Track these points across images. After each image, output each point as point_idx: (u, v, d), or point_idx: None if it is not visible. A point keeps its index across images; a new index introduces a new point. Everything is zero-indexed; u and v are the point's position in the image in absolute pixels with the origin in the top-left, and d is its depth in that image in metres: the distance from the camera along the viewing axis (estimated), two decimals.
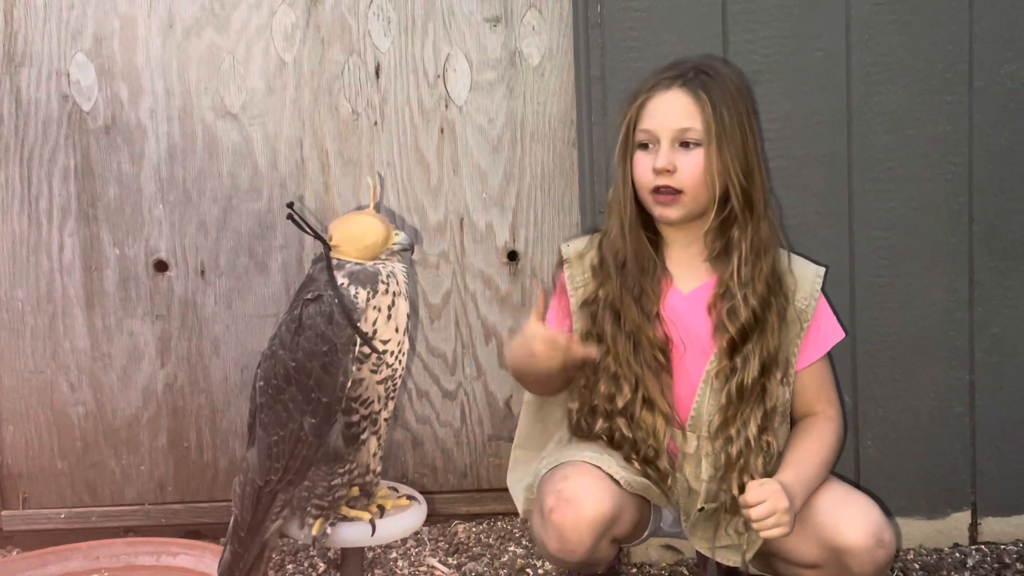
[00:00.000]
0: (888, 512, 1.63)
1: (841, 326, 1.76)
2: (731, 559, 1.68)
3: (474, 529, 2.19)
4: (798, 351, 1.70)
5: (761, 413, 1.64)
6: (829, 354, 1.76)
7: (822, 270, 1.73)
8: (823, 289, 1.72)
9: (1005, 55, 1.96)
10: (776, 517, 1.53)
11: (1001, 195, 1.99)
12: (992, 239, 2.00)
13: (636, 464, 1.65)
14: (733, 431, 1.63)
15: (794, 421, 1.73)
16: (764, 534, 1.55)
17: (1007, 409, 2.03)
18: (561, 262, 1.76)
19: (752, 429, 1.63)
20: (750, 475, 1.62)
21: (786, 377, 1.68)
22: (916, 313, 2.01)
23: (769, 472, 1.64)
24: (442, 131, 2.16)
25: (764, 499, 1.53)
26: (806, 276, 1.71)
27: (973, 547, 2.05)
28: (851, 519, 1.57)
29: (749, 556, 1.66)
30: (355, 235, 1.56)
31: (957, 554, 2.02)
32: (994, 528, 2.06)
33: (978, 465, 2.04)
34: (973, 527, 2.06)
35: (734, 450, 1.63)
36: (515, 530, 2.18)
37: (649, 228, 1.70)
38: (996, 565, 1.99)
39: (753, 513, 1.53)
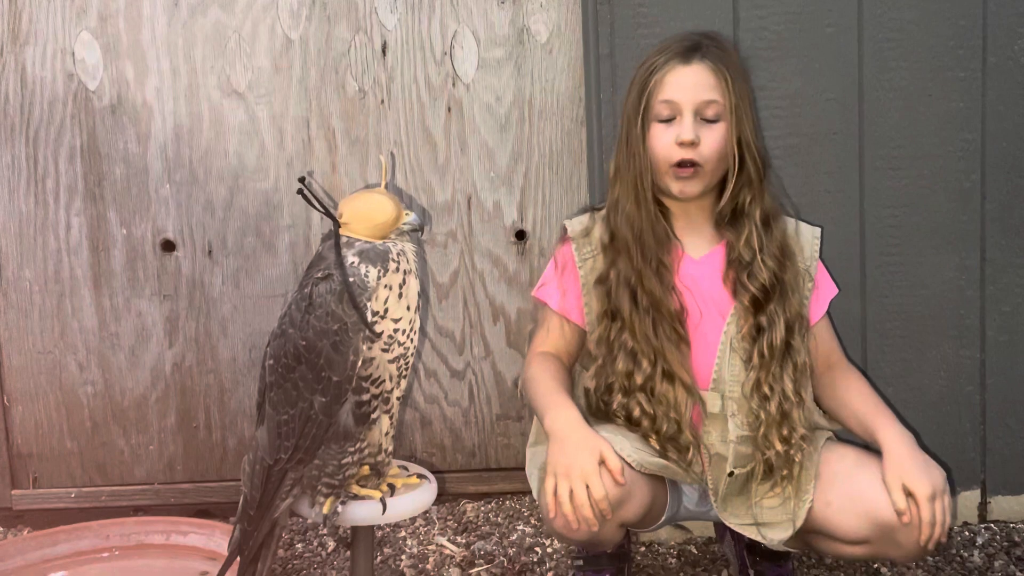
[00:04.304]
0: (952, 485, 1.60)
1: (837, 287, 1.80)
2: (773, 537, 1.64)
3: (483, 508, 2.19)
4: (809, 307, 1.73)
5: (791, 368, 1.65)
6: (829, 314, 1.78)
7: (818, 230, 1.77)
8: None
9: (1019, 31, 1.94)
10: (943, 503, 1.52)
11: (1014, 173, 1.98)
12: (1004, 217, 1.98)
13: (655, 443, 1.64)
14: (767, 388, 1.64)
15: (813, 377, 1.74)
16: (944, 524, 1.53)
17: (1017, 388, 2.03)
18: (564, 238, 1.76)
19: (787, 385, 1.64)
20: (791, 428, 1.63)
21: (807, 333, 1.70)
22: (927, 291, 2.00)
23: (806, 424, 1.65)
24: (449, 109, 2.15)
25: (938, 508, 1.51)
26: (806, 236, 1.76)
27: (982, 526, 2.05)
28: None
29: (799, 523, 1.62)
30: (366, 213, 1.56)
31: (967, 532, 2.03)
32: (1003, 507, 2.06)
33: (988, 444, 2.04)
34: (983, 506, 2.06)
35: (772, 406, 1.63)
36: (524, 509, 2.18)
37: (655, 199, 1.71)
38: (1005, 543, 1.99)
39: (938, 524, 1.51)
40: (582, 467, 1.50)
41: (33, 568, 1.89)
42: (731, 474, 1.66)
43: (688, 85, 1.62)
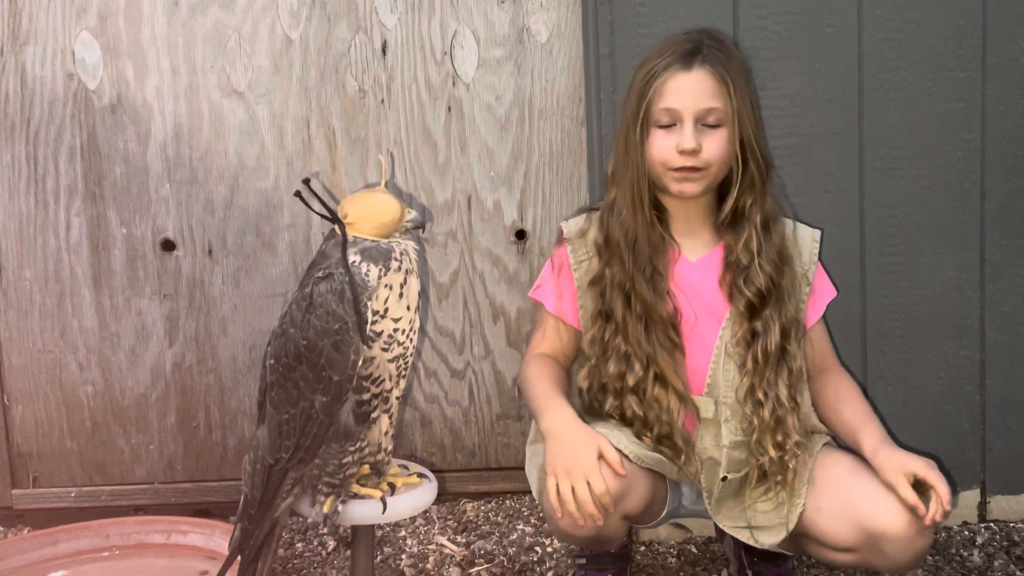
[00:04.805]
0: (951, 484, 1.59)
1: (836, 288, 1.79)
2: (765, 540, 1.65)
3: (483, 508, 2.19)
4: (805, 311, 1.72)
5: (787, 373, 1.65)
6: (824, 317, 1.78)
7: (818, 233, 1.76)
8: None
9: (1019, 31, 1.94)
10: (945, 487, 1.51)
11: (1013, 173, 1.98)
12: (1004, 217, 1.99)
13: (649, 441, 1.64)
14: (760, 394, 1.63)
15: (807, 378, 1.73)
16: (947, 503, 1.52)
17: (1017, 388, 2.03)
18: (561, 240, 1.76)
19: (782, 391, 1.64)
20: (785, 434, 1.62)
21: (803, 337, 1.69)
22: (926, 292, 2.00)
23: (801, 429, 1.65)
24: (449, 109, 2.15)
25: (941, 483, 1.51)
26: (805, 239, 1.75)
27: (982, 525, 2.05)
28: (891, 503, 1.54)
29: (791, 526, 1.62)
30: (372, 213, 1.56)
31: (966, 532, 2.03)
32: (1003, 506, 2.06)
33: (987, 443, 2.04)
34: (982, 505, 2.06)
35: (766, 412, 1.63)
36: (524, 508, 2.18)
37: (653, 201, 1.69)
38: (1005, 543, 1.99)
39: (943, 496, 1.51)
40: (581, 464, 1.50)
41: (33, 567, 1.89)
42: (724, 479, 1.67)
43: (689, 92, 1.60)
